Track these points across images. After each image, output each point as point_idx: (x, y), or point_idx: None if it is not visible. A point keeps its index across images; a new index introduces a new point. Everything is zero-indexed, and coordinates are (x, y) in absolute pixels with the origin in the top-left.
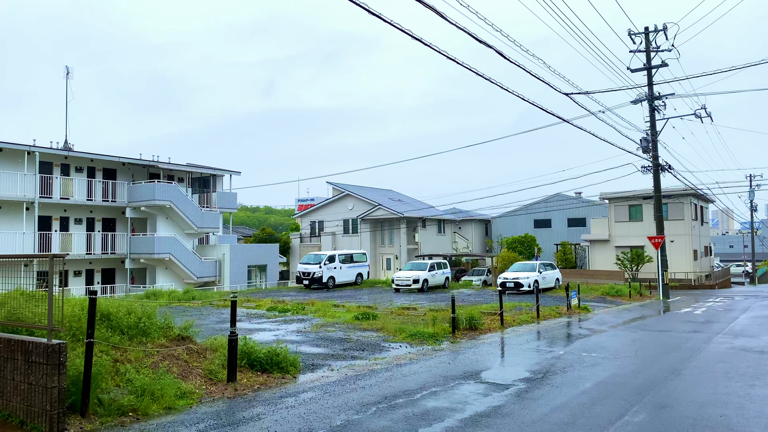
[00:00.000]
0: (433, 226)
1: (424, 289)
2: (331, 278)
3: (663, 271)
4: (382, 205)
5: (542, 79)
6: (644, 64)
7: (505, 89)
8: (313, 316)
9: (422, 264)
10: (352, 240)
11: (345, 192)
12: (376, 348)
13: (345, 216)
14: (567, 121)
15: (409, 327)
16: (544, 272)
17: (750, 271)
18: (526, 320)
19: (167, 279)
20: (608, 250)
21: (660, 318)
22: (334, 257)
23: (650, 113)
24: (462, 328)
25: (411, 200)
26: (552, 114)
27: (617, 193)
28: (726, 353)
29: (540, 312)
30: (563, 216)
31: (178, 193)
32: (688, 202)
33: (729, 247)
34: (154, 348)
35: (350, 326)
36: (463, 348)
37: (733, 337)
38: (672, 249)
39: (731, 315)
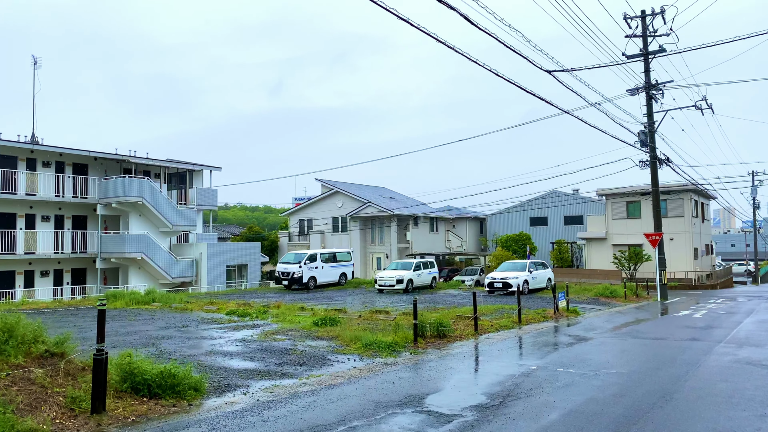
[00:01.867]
0: (426, 225)
1: (409, 290)
2: (312, 278)
3: (661, 270)
4: (371, 202)
5: (522, 55)
6: (641, 49)
7: (507, 80)
8: (272, 321)
9: (407, 263)
10: (342, 238)
11: (334, 189)
12: (318, 362)
13: (334, 214)
14: (566, 111)
15: (367, 335)
16: (534, 272)
17: (752, 271)
18: (505, 326)
19: (140, 279)
20: (605, 248)
21: (655, 322)
22: (315, 256)
23: (647, 101)
24: (429, 336)
25: (403, 198)
26: (550, 104)
27: (614, 189)
28: (729, 368)
29: (523, 316)
30: (560, 213)
31: (150, 189)
32: (688, 198)
33: (731, 245)
34: (7, 369)
35: (304, 333)
36: (421, 361)
37: (737, 346)
38: (671, 247)
39: (734, 319)
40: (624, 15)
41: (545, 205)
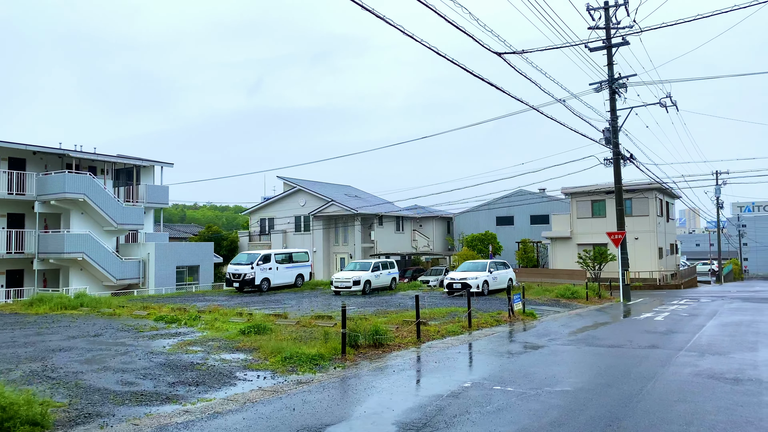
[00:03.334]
0: (391, 224)
1: (367, 292)
2: (265, 280)
3: (624, 270)
4: (335, 201)
5: (473, 37)
6: (603, 41)
7: (476, 75)
8: (199, 328)
9: (365, 263)
10: (304, 238)
11: (297, 187)
12: (220, 380)
13: (296, 213)
14: (533, 107)
15: (291, 346)
16: (495, 272)
17: (716, 270)
18: (453, 331)
19: (82, 281)
20: (570, 247)
21: (615, 327)
22: (269, 257)
23: (610, 96)
24: (363, 346)
25: (369, 196)
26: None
27: (579, 187)
28: (688, 384)
29: (475, 320)
30: (526, 213)
31: (92, 186)
32: (653, 196)
33: (696, 245)
34: None
35: (225, 344)
36: (342, 378)
37: (699, 355)
38: (636, 247)
39: (697, 322)
40: (587, 6)
41: (511, 204)
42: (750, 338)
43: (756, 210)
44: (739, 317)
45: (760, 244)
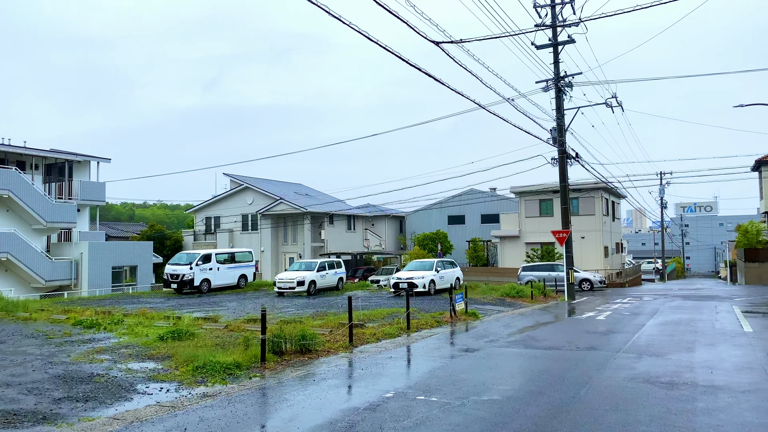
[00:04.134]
0: (343, 223)
1: (312, 292)
2: (205, 281)
3: (569, 269)
4: (284, 199)
5: (408, 23)
6: (550, 39)
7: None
8: (117, 334)
9: (310, 263)
10: (252, 237)
11: (244, 185)
12: (115, 394)
13: (244, 211)
14: (482, 106)
15: (206, 354)
16: (442, 271)
17: (660, 268)
18: (390, 334)
19: (8, 283)
20: (519, 246)
21: (555, 327)
22: (209, 256)
23: (556, 94)
24: (288, 352)
25: (320, 195)
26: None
27: (528, 186)
28: (623, 390)
29: (415, 321)
30: (477, 212)
31: (18, 181)
32: (599, 196)
33: (641, 244)
34: None
35: (138, 351)
36: (254, 390)
37: (636, 357)
38: (583, 245)
39: (637, 321)
40: (534, 3)
41: (463, 203)
42: (688, 338)
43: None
44: (678, 316)
45: (701, 243)
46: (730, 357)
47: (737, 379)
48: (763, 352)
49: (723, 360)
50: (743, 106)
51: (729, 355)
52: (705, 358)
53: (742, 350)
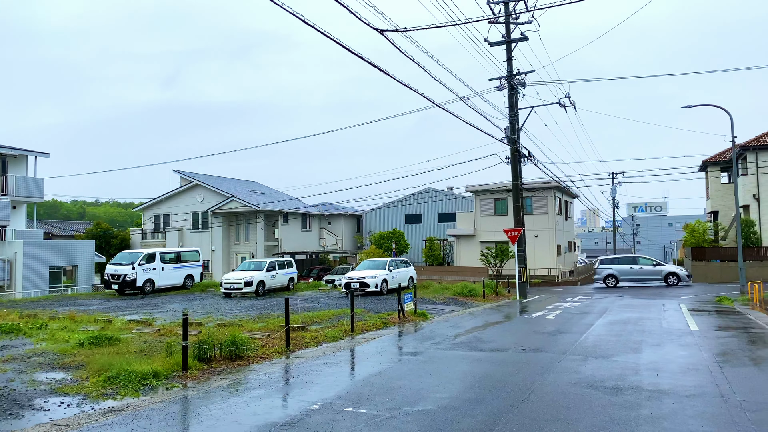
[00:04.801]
0: (297, 221)
1: (260, 293)
2: (148, 281)
3: (521, 267)
4: (235, 196)
5: (349, 8)
6: (503, 36)
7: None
8: (35, 340)
9: (259, 263)
10: (203, 236)
11: (194, 182)
12: (7, 411)
13: (194, 209)
14: (436, 104)
15: (121, 363)
16: (395, 270)
17: None
18: (332, 337)
19: None
20: (474, 245)
21: (504, 327)
22: (153, 256)
23: (509, 92)
24: (217, 359)
25: (274, 192)
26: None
27: (483, 185)
28: (565, 396)
29: (361, 323)
30: (434, 211)
31: None
32: (552, 195)
33: (594, 243)
34: None
35: (53, 359)
36: (166, 404)
37: (582, 359)
38: (536, 244)
39: (586, 320)
40: (488, 0)
41: (420, 202)
42: (635, 337)
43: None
44: (627, 315)
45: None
46: (676, 358)
47: (683, 382)
48: (708, 353)
49: (669, 361)
50: (691, 107)
51: (675, 356)
52: (651, 360)
53: (688, 350)
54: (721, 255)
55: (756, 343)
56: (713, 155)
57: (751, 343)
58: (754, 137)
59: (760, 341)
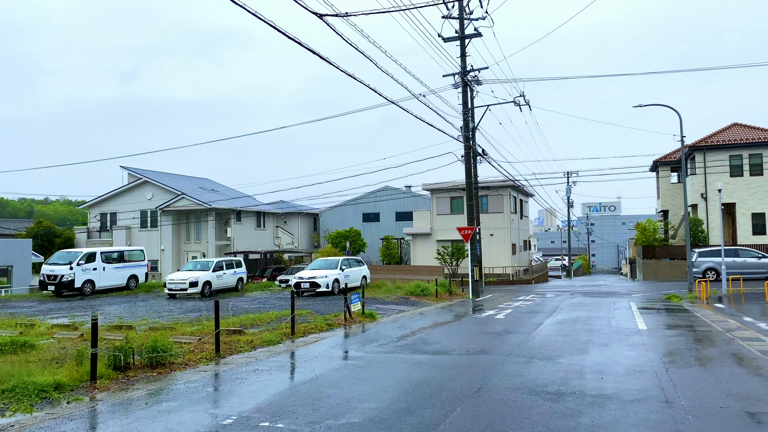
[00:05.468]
0: (251, 220)
1: (206, 294)
2: (88, 282)
3: (474, 266)
4: (186, 194)
5: None
6: (457, 32)
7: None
8: None
9: (206, 263)
10: (151, 235)
11: (143, 178)
12: None
13: (143, 207)
14: (392, 101)
15: (22, 374)
16: (347, 269)
17: (567, 265)
18: (270, 341)
19: None
20: (430, 244)
21: (452, 327)
22: (94, 255)
23: (463, 88)
24: (137, 366)
25: (227, 190)
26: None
27: (439, 183)
28: (504, 404)
29: (303, 325)
30: (392, 209)
31: None
32: (507, 194)
33: (551, 242)
34: None
35: None
36: (60, 421)
37: (527, 361)
38: (492, 243)
39: (536, 320)
40: None
41: (378, 200)
42: (583, 337)
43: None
44: (577, 313)
45: (605, 241)
46: (623, 359)
47: (627, 385)
48: (655, 353)
49: (615, 363)
50: (642, 106)
51: (622, 356)
52: (597, 361)
53: (635, 351)
54: (670, 253)
55: (702, 342)
56: (664, 155)
57: (698, 342)
58: (702, 138)
59: (706, 340)
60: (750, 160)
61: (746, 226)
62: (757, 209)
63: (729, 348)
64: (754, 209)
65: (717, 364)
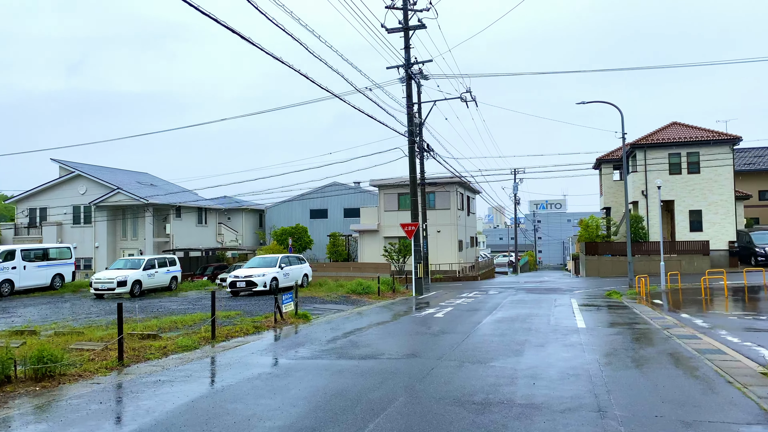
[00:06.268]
0: (192, 216)
1: (136, 293)
2: (6, 282)
3: (417, 263)
4: (121, 189)
5: None
6: (400, 22)
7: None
8: None
9: (137, 261)
10: (85, 231)
11: (75, 172)
12: None
13: (75, 202)
14: (335, 95)
15: None
16: (287, 267)
17: (513, 261)
18: (186, 346)
19: None
20: (377, 240)
21: (388, 327)
22: (13, 253)
23: (407, 81)
24: (22, 379)
25: (167, 185)
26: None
27: (387, 179)
28: (423, 417)
29: (227, 329)
30: (341, 205)
31: None
32: (454, 191)
33: (499, 239)
34: None
35: None
36: None
37: (457, 365)
38: (438, 239)
39: (475, 318)
40: None
41: (326, 196)
42: (520, 337)
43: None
44: (518, 311)
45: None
46: (558, 361)
47: (559, 392)
48: (591, 353)
49: (550, 366)
50: (585, 103)
51: (557, 358)
52: (531, 364)
53: (571, 352)
54: (612, 249)
55: (639, 341)
56: (607, 153)
57: (635, 341)
58: (643, 136)
59: (643, 338)
60: (688, 159)
61: (684, 223)
62: (694, 206)
63: (666, 347)
64: (691, 206)
65: (653, 366)
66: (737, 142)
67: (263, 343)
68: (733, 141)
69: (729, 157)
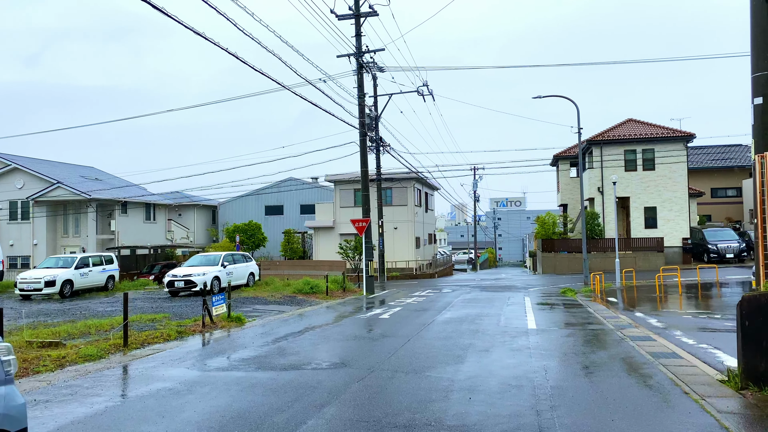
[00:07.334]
0: (140, 212)
1: (66, 294)
2: None
3: (368, 260)
4: (62, 183)
5: None
6: (350, 8)
7: None
8: None
9: (69, 259)
10: (22, 228)
11: (11, 165)
12: None
13: (12, 196)
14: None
15: None
16: (230, 266)
17: (473, 259)
18: (91, 355)
19: None
20: (333, 237)
21: (326, 331)
22: None
23: (358, 70)
24: None
25: (114, 179)
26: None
27: (343, 175)
28: None
29: (145, 333)
30: (297, 201)
31: None
32: (412, 186)
33: (460, 236)
34: None
35: None
36: None
37: (390, 376)
38: (395, 236)
39: (422, 319)
40: None
41: (282, 191)
42: (465, 341)
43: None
44: (468, 310)
45: (511, 235)
46: (501, 369)
47: (498, 408)
48: (539, 360)
49: (491, 375)
50: (541, 97)
51: (501, 366)
52: (471, 374)
53: (517, 357)
54: (569, 246)
55: (592, 343)
56: (564, 150)
57: (587, 343)
58: (599, 132)
59: (596, 341)
60: (643, 155)
61: (639, 220)
62: (649, 203)
63: (619, 350)
64: (646, 203)
65: (605, 374)
66: (691, 139)
67: (180, 351)
68: (687, 138)
69: (683, 154)
